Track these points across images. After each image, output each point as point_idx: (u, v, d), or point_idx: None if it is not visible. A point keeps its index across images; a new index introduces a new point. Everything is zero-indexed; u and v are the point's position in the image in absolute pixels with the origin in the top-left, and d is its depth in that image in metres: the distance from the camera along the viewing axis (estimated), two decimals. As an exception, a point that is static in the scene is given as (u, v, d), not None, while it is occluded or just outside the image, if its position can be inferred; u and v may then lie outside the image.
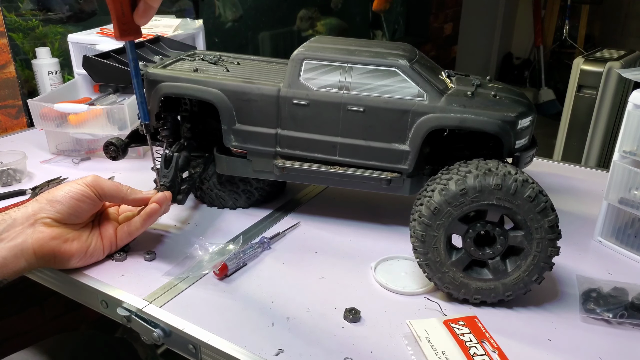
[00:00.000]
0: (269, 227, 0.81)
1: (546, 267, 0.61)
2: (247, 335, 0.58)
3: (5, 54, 1.23)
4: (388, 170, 0.74)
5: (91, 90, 1.23)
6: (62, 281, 0.71)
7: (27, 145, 1.13)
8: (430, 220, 0.61)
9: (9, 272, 0.63)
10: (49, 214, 0.65)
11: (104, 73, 0.82)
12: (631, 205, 0.74)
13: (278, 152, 0.76)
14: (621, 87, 1.92)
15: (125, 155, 0.84)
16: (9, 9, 1.29)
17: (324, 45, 0.73)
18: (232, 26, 2.05)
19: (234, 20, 2.02)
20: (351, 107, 0.71)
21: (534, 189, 0.59)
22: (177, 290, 0.66)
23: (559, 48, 4.05)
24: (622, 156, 0.74)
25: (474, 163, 0.62)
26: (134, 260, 0.72)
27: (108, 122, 1.02)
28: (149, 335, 0.62)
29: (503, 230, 0.61)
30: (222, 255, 0.70)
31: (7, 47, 1.23)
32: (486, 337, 0.57)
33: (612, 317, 0.61)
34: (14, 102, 1.27)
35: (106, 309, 0.66)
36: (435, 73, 0.74)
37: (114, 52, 0.86)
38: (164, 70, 0.78)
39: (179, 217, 0.83)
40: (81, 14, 1.45)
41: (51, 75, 1.30)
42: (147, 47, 0.92)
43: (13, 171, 0.96)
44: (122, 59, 0.85)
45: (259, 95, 0.73)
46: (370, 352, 0.56)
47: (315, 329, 0.60)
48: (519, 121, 0.69)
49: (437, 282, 0.63)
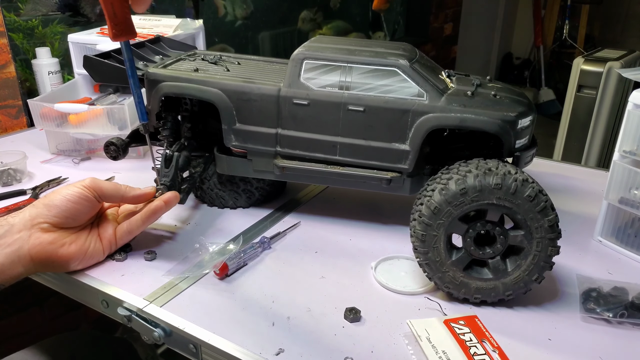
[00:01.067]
0: (269, 227, 0.81)
1: (546, 266, 0.61)
2: (247, 335, 0.58)
3: (5, 54, 1.23)
4: (388, 170, 0.74)
5: (91, 90, 1.23)
6: (62, 281, 0.71)
7: (27, 145, 1.13)
8: (430, 219, 0.61)
9: (6, 277, 0.63)
10: (47, 218, 0.65)
11: (104, 73, 0.82)
12: (631, 205, 0.74)
13: (278, 151, 0.76)
14: (621, 87, 1.92)
15: (125, 155, 0.84)
16: (9, 9, 1.29)
17: (324, 45, 0.73)
18: (239, 25, 2.03)
19: (245, 17, 1.98)
20: (351, 107, 0.71)
21: (533, 189, 0.59)
22: (177, 290, 0.66)
23: (559, 48, 4.05)
24: (622, 156, 0.74)
25: (474, 163, 0.62)
26: (135, 260, 0.72)
27: (108, 122, 1.02)
28: (149, 335, 0.62)
29: (503, 230, 0.61)
30: (223, 255, 0.71)
31: (7, 47, 1.23)
32: (486, 336, 0.57)
33: (612, 316, 0.61)
34: (14, 102, 1.27)
35: (107, 308, 0.66)
36: (435, 73, 0.74)
37: (114, 52, 0.86)
38: (164, 70, 0.78)
39: (180, 217, 0.83)
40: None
41: (51, 75, 1.30)
42: (148, 47, 0.92)
43: (13, 171, 0.96)
44: (122, 58, 0.84)
45: (259, 95, 0.73)
46: (370, 351, 0.56)
47: (315, 328, 0.60)
48: (519, 121, 0.69)
49: (438, 281, 0.63)
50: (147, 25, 1.25)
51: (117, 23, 0.61)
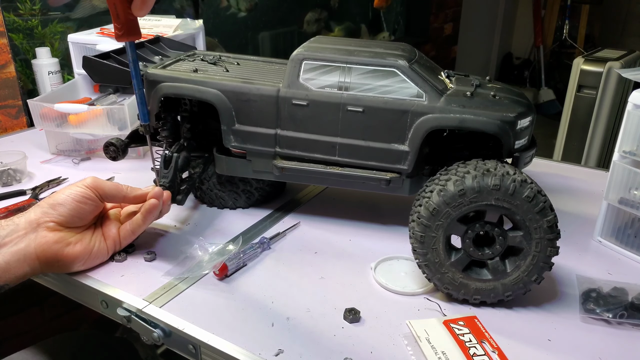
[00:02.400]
0: (269, 227, 0.81)
1: (546, 267, 0.61)
2: (247, 335, 0.58)
3: (5, 54, 1.23)
4: (387, 170, 0.74)
5: (91, 91, 1.23)
6: (62, 281, 0.71)
7: (27, 145, 1.13)
8: (429, 221, 0.61)
9: (11, 277, 0.63)
10: (52, 217, 0.65)
11: (103, 73, 0.82)
12: (631, 205, 0.74)
13: (278, 152, 0.76)
14: (621, 87, 1.92)
15: (125, 155, 0.84)
16: (8, 9, 1.29)
17: (323, 46, 0.73)
18: (242, 17, 2.01)
19: (248, 9, 1.97)
20: (350, 108, 0.71)
21: (532, 189, 0.59)
22: (177, 291, 0.66)
23: (559, 48, 4.05)
24: (622, 156, 0.74)
25: (472, 163, 0.62)
26: (134, 261, 0.72)
27: (108, 122, 1.02)
28: (149, 335, 0.62)
29: (502, 231, 0.61)
30: (222, 256, 0.71)
31: (7, 47, 1.23)
32: (486, 337, 0.57)
33: (612, 317, 0.61)
34: (14, 102, 1.27)
35: (106, 309, 0.66)
36: (434, 73, 0.74)
37: (114, 52, 0.86)
38: (163, 71, 0.78)
39: (179, 218, 0.83)
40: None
41: (51, 75, 1.30)
42: (147, 47, 0.92)
43: (13, 171, 0.96)
44: (122, 59, 0.85)
45: (259, 95, 0.73)
46: (370, 352, 0.56)
47: (315, 329, 0.60)
48: (519, 121, 0.69)
49: (437, 282, 0.63)
50: (147, 25, 1.25)
51: (121, 24, 0.62)
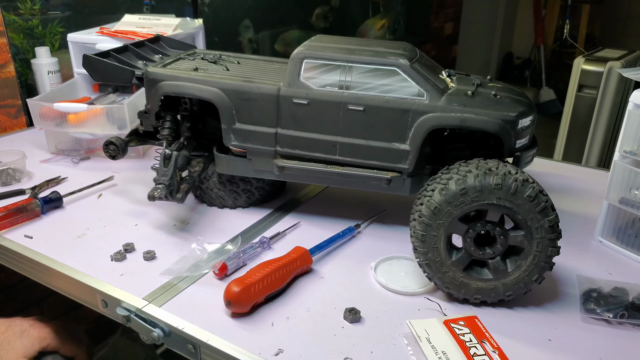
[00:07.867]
0: (269, 227, 0.81)
1: (546, 267, 0.61)
2: (247, 335, 0.58)
3: (5, 53, 1.23)
4: (388, 169, 0.73)
5: (91, 90, 1.23)
6: (62, 281, 0.71)
7: (27, 145, 1.13)
8: (430, 220, 0.61)
9: None
10: None
11: (103, 72, 0.82)
12: (631, 205, 0.74)
13: (278, 151, 0.76)
14: (622, 87, 1.92)
15: (124, 154, 0.84)
16: (8, 9, 1.29)
17: (324, 45, 0.73)
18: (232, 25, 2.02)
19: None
20: (351, 107, 0.71)
21: (534, 189, 0.59)
22: (176, 290, 0.66)
23: (560, 48, 4.04)
24: (622, 156, 0.74)
25: (474, 163, 0.62)
26: (134, 260, 0.72)
27: (107, 121, 1.02)
28: (148, 335, 0.61)
29: (503, 230, 0.61)
30: (221, 255, 0.70)
31: (7, 47, 1.23)
32: (486, 337, 0.57)
33: (613, 317, 0.61)
34: (13, 102, 1.27)
35: (106, 308, 0.66)
36: (435, 72, 0.73)
37: (113, 51, 0.86)
38: (163, 69, 0.78)
39: (179, 217, 0.83)
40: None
41: (50, 74, 1.30)
42: (147, 46, 0.92)
43: (12, 171, 0.96)
44: (122, 58, 0.84)
45: (259, 94, 0.73)
46: (370, 352, 0.56)
47: (315, 329, 0.59)
48: (520, 121, 0.69)
49: (437, 282, 0.63)
50: (147, 24, 1.25)
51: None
